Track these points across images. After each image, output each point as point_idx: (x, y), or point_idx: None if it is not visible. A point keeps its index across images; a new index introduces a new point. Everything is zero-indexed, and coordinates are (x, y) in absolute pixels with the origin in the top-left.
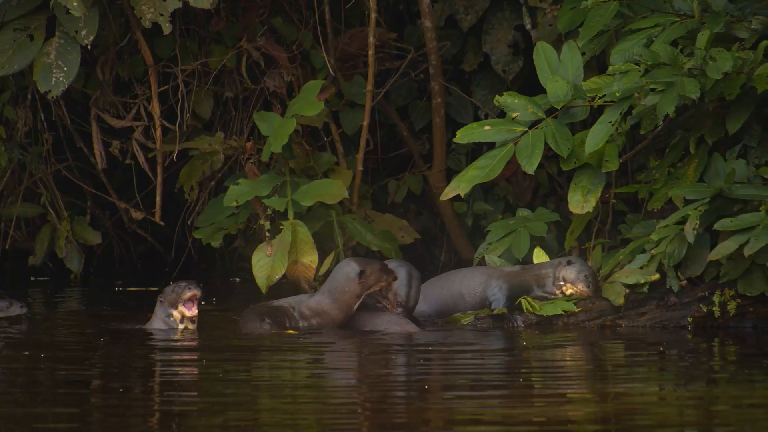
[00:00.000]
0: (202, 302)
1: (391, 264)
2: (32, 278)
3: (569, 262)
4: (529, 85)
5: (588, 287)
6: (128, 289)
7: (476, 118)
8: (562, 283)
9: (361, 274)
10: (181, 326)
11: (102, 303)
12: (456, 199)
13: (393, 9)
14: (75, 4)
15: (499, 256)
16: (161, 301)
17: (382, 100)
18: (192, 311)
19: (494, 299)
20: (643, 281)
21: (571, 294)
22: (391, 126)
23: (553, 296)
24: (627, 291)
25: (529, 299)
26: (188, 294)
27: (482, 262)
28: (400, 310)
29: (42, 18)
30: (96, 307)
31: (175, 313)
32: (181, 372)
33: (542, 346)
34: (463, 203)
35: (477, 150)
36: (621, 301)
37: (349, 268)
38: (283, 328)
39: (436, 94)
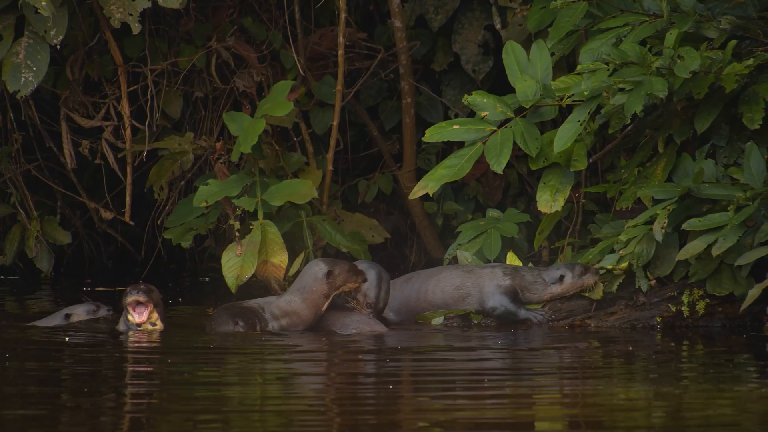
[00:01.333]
0: (170, 301)
1: (361, 265)
2: (1, 277)
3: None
4: (500, 84)
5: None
6: (96, 288)
7: (446, 118)
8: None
9: (328, 274)
10: (139, 327)
11: (70, 302)
12: (426, 199)
13: (363, 9)
14: (44, 3)
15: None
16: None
17: (352, 100)
18: (140, 317)
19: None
20: (610, 266)
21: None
22: (361, 126)
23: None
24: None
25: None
26: (129, 299)
27: (452, 262)
28: (369, 311)
29: (11, 17)
30: (63, 306)
31: (129, 316)
32: (144, 372)
33: (512, 346)
34: (433, 203)
35: (447, 149)
36: (599, 294)
37: (317, 268)
38: (253, 329)
39: (406, 93)
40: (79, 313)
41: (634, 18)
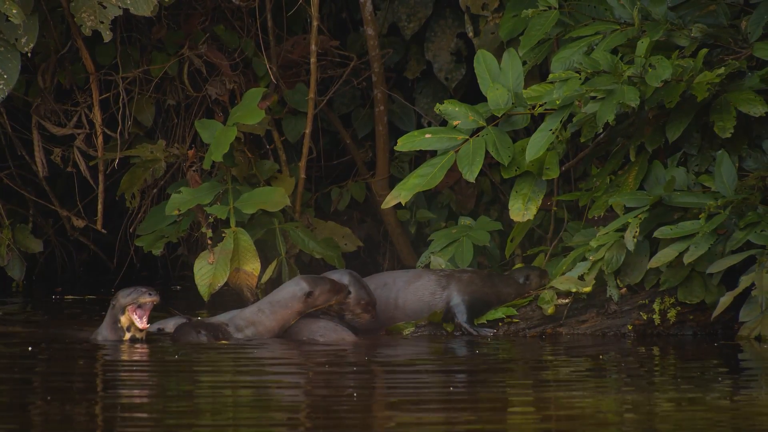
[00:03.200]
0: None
1: (333, 275)
2: None
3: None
4: (473, 92)
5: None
6: (66, 297)
7: (419, 126)
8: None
9: (309, 294)
10: (128, 335)
11: (41, 311)
12: (399, 207)
13: (335, 16)
14: (15, 11)
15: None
16: (113, 305)
17: (324, 108)
18: (142, 323)
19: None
20: (575, 289)
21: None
22: (334, 134)
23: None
24: (561, 301)
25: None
26: (147, 299)
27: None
28: (371, 313)
29: None
30: (33, 314)
31: (123, 320)
32: (122, 383)
33: (482, 354)
34: (406, 211)
35: (420, 158)
36: (551, 310)
37: (298, 287)
38: (217, 339)
39: (378, 101)
40: (171, 327)
41: (606, 26)
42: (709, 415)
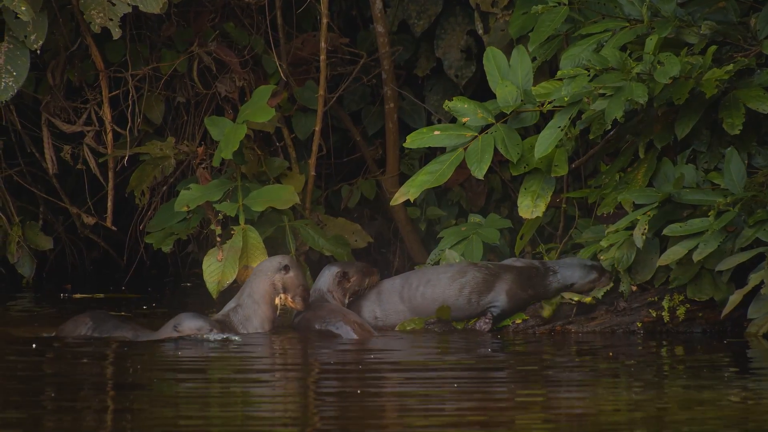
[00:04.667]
0: (153, 305)
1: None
2: None
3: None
4: (483, 89)
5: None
6: (74, 296)
7: (429, 123)
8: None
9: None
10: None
11: (47, 308)
12: (409, 204)
13: (345, 14)
14: (23, 8)
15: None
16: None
17: (334, 105)
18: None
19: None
20: (577, 299)
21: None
22: (344, 131)
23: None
24: (557, 303)
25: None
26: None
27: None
28: (306, 301)
29: None
30: (40, 312)
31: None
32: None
33: (492, 351)
34: (416, 208)
35: (430, 155)
36: (547, 313)
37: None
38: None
39: (388, 99)
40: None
41: (615, 23)
42: (718, 412)
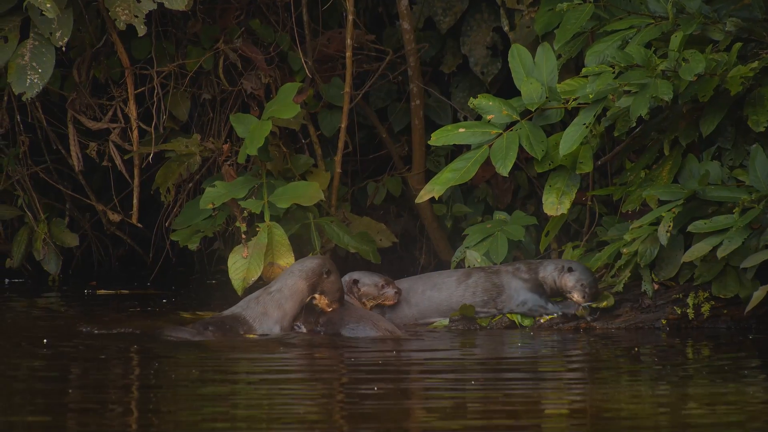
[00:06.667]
0: (168, 300)
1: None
2: (6, 281)
3: (570, 269)
4: (509, 87)
5: (584, 297)
6: (97, 291)
7: (455, 120)
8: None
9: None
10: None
11: (74, 306)
12: (435, 202)
13: (371, 11)
14: (49, 5)
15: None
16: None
17: (360, 102)
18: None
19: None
20: (594, 305)
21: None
22: (370, 128)
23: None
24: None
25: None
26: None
27: (461, 264)
28: (340, 302)
29: (16, 19)
30: (71, 309)
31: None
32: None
33: (517, 348)
34: (442, 205)
35: (456, 152)
36: (605, 303)
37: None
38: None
39: (414, 96)
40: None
41: (640, 20)
42: (743, 408)
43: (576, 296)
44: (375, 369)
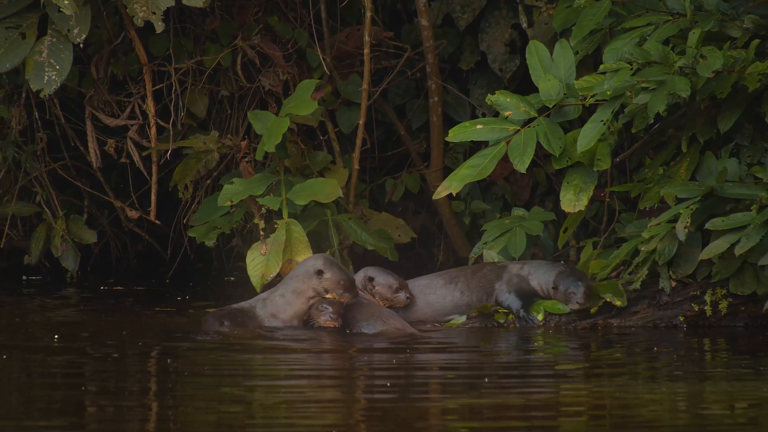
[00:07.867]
0: (183, 298)
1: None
2: (24, 278)
3: (560, 273)
4: (527, 83)
5: (574, 303)
6: (114, 288)
7: (473, 117)
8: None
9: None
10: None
11: (91, 302)
12: (454, 198)
13: (390, 7)
14: (66, 2)
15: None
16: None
17: (379, 99)
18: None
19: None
20: (609, 300)
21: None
22: (388, 125)
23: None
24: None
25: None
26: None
27: (479, 260)
28: (352, 292)
29: (34, 16)
30: (87, 306)
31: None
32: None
33: (535, 345)
34: (460, 202)
35: (475, 149)
36: (618, 302)
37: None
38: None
39: (433, 92)
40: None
41: (658, 17)
42: (759, 405)
43: (570, 305)
44: (385, 369)
